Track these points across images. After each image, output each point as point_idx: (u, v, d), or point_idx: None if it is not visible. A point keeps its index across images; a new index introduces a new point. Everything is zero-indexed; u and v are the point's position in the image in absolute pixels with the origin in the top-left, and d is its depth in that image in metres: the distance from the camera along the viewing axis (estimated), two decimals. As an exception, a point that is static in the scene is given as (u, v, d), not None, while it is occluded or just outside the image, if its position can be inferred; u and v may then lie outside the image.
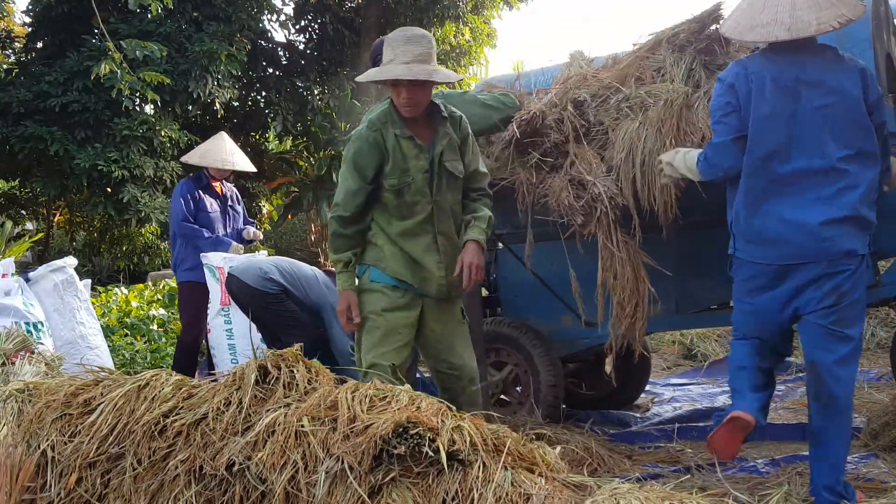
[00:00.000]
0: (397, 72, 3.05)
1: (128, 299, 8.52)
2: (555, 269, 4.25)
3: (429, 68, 3.06)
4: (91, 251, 15.36)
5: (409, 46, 3.06)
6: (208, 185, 5.41)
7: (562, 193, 3.69)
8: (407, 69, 3.04)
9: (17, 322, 4.40)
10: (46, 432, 2.55)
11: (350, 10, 16.44)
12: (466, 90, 4.01)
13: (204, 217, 5.30)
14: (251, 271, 4.42)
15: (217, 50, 11.59)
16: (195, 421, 2.44)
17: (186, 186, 5.44)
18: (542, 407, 4.24)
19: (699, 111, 3.61)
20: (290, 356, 2.58)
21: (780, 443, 4.07)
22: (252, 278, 4.38)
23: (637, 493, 2.05)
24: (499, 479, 2.13)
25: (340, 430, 2.25)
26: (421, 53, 3.06)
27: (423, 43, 3.09)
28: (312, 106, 15.32)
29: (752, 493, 3.05)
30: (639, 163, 3.61)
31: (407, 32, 3.13)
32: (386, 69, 3.09)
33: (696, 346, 6.96)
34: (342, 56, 15.96)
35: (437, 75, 3.08)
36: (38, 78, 11.56)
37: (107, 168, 11.06)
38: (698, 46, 3.79)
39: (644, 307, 3.66)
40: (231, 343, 5.15)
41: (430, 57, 3.10)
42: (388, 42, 3.13)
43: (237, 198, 5.63)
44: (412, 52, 3.05)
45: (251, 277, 4.36)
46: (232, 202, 5.53)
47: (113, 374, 2.79)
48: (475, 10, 15.69)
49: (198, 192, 5.37)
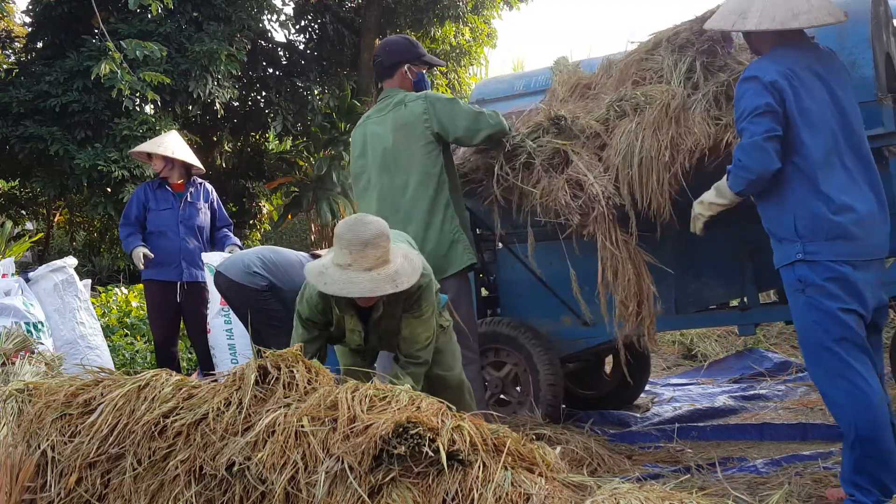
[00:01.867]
0: (362, 289, 2.83)
1: (128, 299, 8.51)
2: (554, 269, 4.25)
3: (391, 276, 2.84)
4: (91, 251, 15.38)
5: (369, 251, 2.82)
6: (161, 185, 5.41)
7: (559, 193, 3.69)
8: (371, 286, 2.82)
9: (17, 322, 4.40)
10: (46, 432, 2.55)
11: (350, 10, 16.46)
12: (454, 97, 3.95)
13: (153, 216, 5.33)
14: (236, 267, 4.35)
15: (217, 50, 11.60)
16: (195, 421, 2.44)
17: (139, 188, 5.52)
18: (541, 407, 4.24)
19: (695, 114, 3.59)
20: (290, 356, 2.58)
21: (780, 443, 4.07)
22: (238, 275, 4.32)
23: (637, 493, 2.05)
24: (499, 479, 2.13)
25: (340, 431, 2.25)
26: (380, 255, 2.85)
27: (382, 243, 2.86)
28: (312, 106, 15.34)
29: (752, 493, 3.05)
30: (636, 162, 3.61)
31: (363, 235, 2.84)
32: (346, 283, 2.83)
33: (695, 345, 6.96)
34: (342, 56, 15.98)
35: (401, 281, 2.86)
36: (39, 78, 11.57)
37: (107, 168, 11.06)
38: (700, 48, 3.78)
39: (650, 305, 3.66)
40: (231, 343, 5.15)
41: (388, 256, 2.88)
42: (340, 242, 2.87)
43: (206, 196, 5.56)
44: (372, 256, 2.83)
45: (237, 274, 4.30)
46: (193, 199, 5.47)
47: (113, 374, 2.79)
48: (475, 10, 15.70)
49: (149, 192, 5.39)
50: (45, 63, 11.97)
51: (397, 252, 2.96)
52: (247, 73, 14.48)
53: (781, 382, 5.56)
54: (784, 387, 5.38)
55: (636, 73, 3.91)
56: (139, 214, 5.32)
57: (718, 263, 4.22)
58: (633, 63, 3.98)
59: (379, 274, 2.84)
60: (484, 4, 15.77)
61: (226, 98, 12.45)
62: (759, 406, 4.97)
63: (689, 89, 3.69)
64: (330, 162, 15.12)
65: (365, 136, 3.92)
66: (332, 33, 15.78)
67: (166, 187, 5.38)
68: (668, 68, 3.79)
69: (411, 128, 3.74)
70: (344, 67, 16.10)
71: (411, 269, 2.94)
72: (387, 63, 3.91)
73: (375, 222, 2.91)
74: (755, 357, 6.24)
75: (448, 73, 16.27)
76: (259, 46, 15.03)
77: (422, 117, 3.74)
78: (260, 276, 4.25)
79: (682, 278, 4.19)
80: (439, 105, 3.78)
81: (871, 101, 3.63)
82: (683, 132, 3.56)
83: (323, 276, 2.87)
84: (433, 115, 3.74)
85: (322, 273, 2.89)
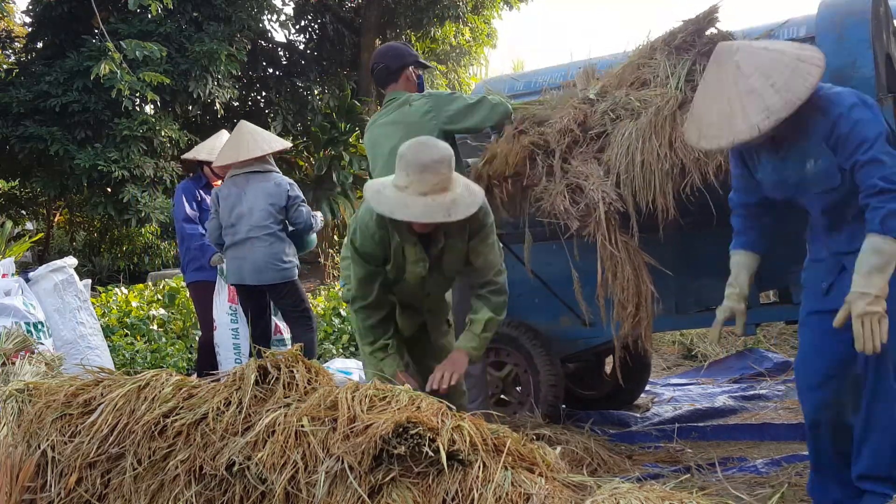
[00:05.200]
0: (413, 213, 2.78)
1: (128, 299, 8.50)
2: (555, 269, 4.25)
3: (447, 205, 2.77)
4: (91, 251, 15.36)
5: (427, 175, 2.76)
6: (208, 185, 5.40)
7: (557, 198, 3.68)
8: (424, 210, 2.76)
9: (17, 322, 4.40)
10: (46, 432, 2.55)
11: (350, 10, 16.46)
12: (455, 91, 4.00)
13: (207, 217, 5.29)
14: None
15: (217, 50, 11.59)
16: (195, 421, 2.44)
17: (186, 187, 5.44)
18: (542, 407, 4.24)
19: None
20: (290, 356, 2.58)
21: (780, 443, 4.06)
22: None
23: (637, 492, 2.05)
24: (499, 478, 2.12)
25: (340, 430, 2.25)
26: (439, 182, 2.77)
27: (442, 169, 2.78)
28: (312, 106, 15.33)
29: (752, 493, 3.05)
30: (637, 165, 3.61)
31: (422, 158, 2.78)
32: (399, 205, 2.79)
33: (696, 346, 6.95)
34: (342, 56, 15.98)
35: (456, 211, 2.78)
36: (39, 78, 11.57)
37: (107, 168, 11.06)
38: (701, 50, 3.77)
39: (648, 307, 3.66)
40: (236, 343, 5.16)
41: (447, 183, 2.80)
42: (401, 163, 2.83)
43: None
44: (429, 181, 2.76)
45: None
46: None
47: (113, 374, 2.79)
48: (475, 10, 15.71)
49: (198, 191, 5.36)
50: (45, 63, 11.97)
51: (459, 181, 2.86)
52: (247, 74, 14.48)
53: (781, 382, 5.55)
54: (784, 387, 5.38)
55: (635, 77, 3.91)
56: (195, 211, 5.29)
57: (719, 263, 4.21)
58: (632, 67, 3.97)
59: (434, 200, 2.76)
60: (484, 4, 15.77)
61: (226, 98, 12.45)
62: (760, 406, 4.97)
63: (689, 92, 3.68)
64: (330, 162, 15.10)
65: (373, 138, 3.98)
66: (333, 33, 15.77)
67: (211, 186, 5.36)
68: (664, 71, 3.78)
69: (417, 125, 3.78)
70: (344, 67, 16.10)
71: (471, 200, 2.83)
72: (393, 67, 3.95)
73: (438, 147, 2.83)
74: (755, 357, 6.23)
75: (448, 73, 16.28)
76: (259, 46, 15.03)
77: (427, 115, 3.79)
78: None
79: (683, 278, 4.19)
80: (443, 101, 3.84)
81: (871, 102, 3.63)
82: (681, 137, 3.53)
83: (378, 196, 2.84)
84: (438, 111, 3.80)
85: (379, 192, 2.85)
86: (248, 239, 4.74)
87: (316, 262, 12.87)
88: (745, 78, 2.55)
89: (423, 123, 3.77)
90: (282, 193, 4.81)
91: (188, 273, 5.40)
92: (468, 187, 2.89)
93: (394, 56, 3.98)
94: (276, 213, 4.80)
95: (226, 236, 4.83)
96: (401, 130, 3.78)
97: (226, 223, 4.80)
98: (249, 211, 4.74)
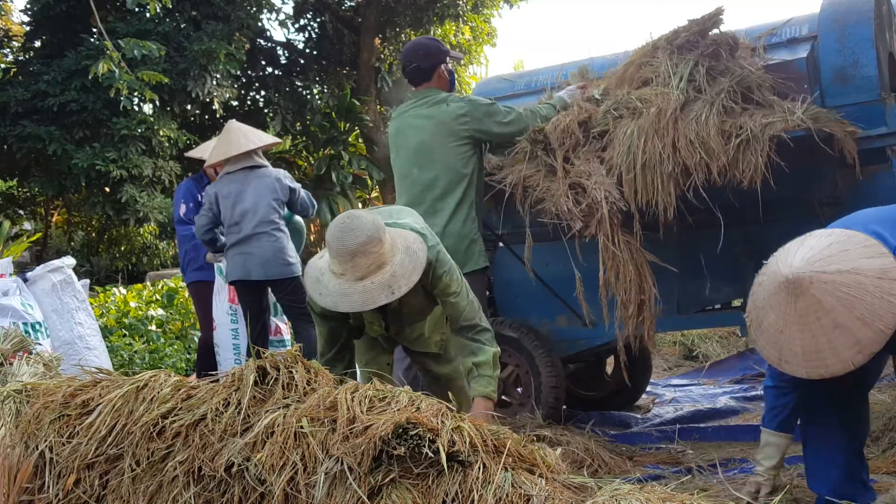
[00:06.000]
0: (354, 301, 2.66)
1: (126, 300, 8.50)
2: (556, 270, 4.23)
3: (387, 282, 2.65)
4: (89, 251, 15.36)
5: (359, 260, 2.63)
6: (209, 184, 5.38)
7: (561, 199, 3.67)
8: (365, 298, 2.65)
9: (14, 322, 4.38)
10: (44, 433, 2.54)
11: (349, 9, 16.45)
12: (493, 102, 4.00)
13: None
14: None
15: (216, 49, 11.59)
16: (194, 422, 2.42)
17: (187, 187, 5.42)
18: (542, 408, 4.23)
19: (693, 121, 3.56)
20: (289, 357, 2.57)
21: (781, 443, 4.04)
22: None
23: (638, 494, 2.04)
24: (499, 480, 2.11)
25: (340, 431, 2.23)
26: (373, 262, 2.65)
27: (372, 248, 2.64)
28: (312, 105, 15.34)
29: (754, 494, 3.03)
30: (639, 164, 3.59)
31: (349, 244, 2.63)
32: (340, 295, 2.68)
33: (697, 346, 6.95)
34: (341, 55, 15.96)
35: (398, 286, 2.66)
36: (37, 77, 11.56)
37: (105, 168, 11.06)
38: (704, 51, 3.76)
39: (651, 307, 3.65)
40: (236, 343, 5.14)
41: (382, 258, 2.66)
42: (331, 251, 2.70)
43: None
44: (363, 265, 2.64)
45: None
46: None
47: (111, 374, 2.77)
48: (475, 9, 15.70)
49: (199, 191, 5.34)
50: (44, 62, 11.97)
51: (397, 245, 2.73)
52: (246, 73, 14.47)
53: (782, 383, 5.54)
54: (785, 387, 5.36)
55: (637, 77, 3.90)
56: (193, 211, 5.24)
57: (721, 263, 4.21)
58: (633, 67, 3.96)
59: (373, 283, 2.65)
60: (484, 3, 15.76)
61: (224, 97, 12.45)
62: (761, 407, 4.93)
63: (692, 93, 3.66)
64: (329, 161, 15.11)
65: (400, 128, 4.01)
66: (332, 32, 15.76)
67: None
68: (665, 71, 3.77)
69: (449, 126, 3.84)
70: (343, 67, 16.09)
71: (412, 267, 2.71)
72: (426, 66, 3.98)
73: (363, 227, 2.65)
74: (757, 358, 6.21)
75: (448, 72, 16.24)
76: (258, 45, 15.02)
77: (461, 119, 3.84)
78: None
79: (685, 278, 4.18)
80: (480, 108, 3.89)
81: (874, 101, 3.63)
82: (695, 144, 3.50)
83: (318, 286, 2.74)
84: (472, 117, 3.85)
85: (318, 281, 2.75)
86: (255, 234, 4.73)
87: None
88: (827, 313, 2.34)
89: (454, 126, 3.84)
90: (284, 188, 4.84)
91: (188, 273, 5.38)
92: (407, 251, 2.74)
93: (425, 55, 4.00)
94: (279, 207, 4.82)
95: (229, 235, 4.79)
96: (432, 127, 3.86)
97: (228, 221, 4.77)
98: (254, 207, 4.74)
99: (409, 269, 2.71)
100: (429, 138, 3.88)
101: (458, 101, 3.92)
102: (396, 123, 4.06)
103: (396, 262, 2.69)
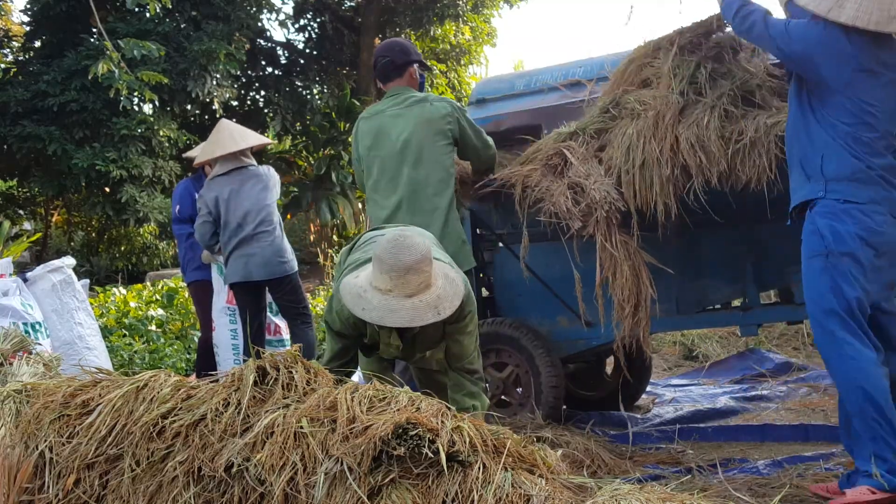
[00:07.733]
0: (402, 317, 2.65)
1: (126, 300, 8.50)
2: (556, 270, 4.23)
3: (433, 302, 2.65)
4: (89, 251, 15.35)
5: (411, 276, 2.63)
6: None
7: (560, 198, 3.66)
8: (413, 314, 2.64)
9: (14, 322, 4.38)
10: (44, 433, 2.54)
11: (349, 9, 16.46)
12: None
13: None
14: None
15: (216, 49, 11.59)
16: (194, 422, 2.42)
17: (185, 186, 5.42)
18: (542, 408, 4.22)
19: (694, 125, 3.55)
20: (289, 357, 2.57)
21: (782, 444, 4.05)
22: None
23: (638, 494, 2.04)
24: (499, 480, 2.11)
25: (340, 431, 2.23)
26: (423, 281, 2.65)
27: (425, 267, 2.65)
28: (311, 105, 15.35)
29: (754, 495, 3.03)
30: (638, 163, 3.59)
31: (405, 260, 2.63)
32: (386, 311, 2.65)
33: (697, 346, 6.94)
34: (341, 55, 15.97)
35: (444, 308, 2.67)
36: (37, 77, 11.57)
37: (105, 168, 11.06)
38: (708, 53, 3.75)
39: (647, 308, 3.64)
40: (235, 343, 5.14)
41: (430, 279, 2.67)
42: (381, 266, 2.67)
43: None
44: (414, 282, 2.64)
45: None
46: None
47: (111, 374, 2.77)
48: (475, 9, 15.71)
49: (197, 191, 5.33)
50: (43, 62, 11.97)
51: (438, 272, 2.75)
52: (245, 73, 14.48)
53: (783, 383, 5.54)
54: (785, 387, 5.36)
55: (638, 77, 3.89)
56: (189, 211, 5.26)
57: (720, 263, 4.20)
58: (634, 68, 3.95)
59: (421, 301, 2.64)
60: (484, 3, 15.77)
61: (224, 97, 12.46)
62: (761, 407, 4.95)
63: (693, 96, 3.65)
64: (329, 161, 15.10)
65: (381, 127, 3.91)
66: (332, 32, 15.77)
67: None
68: (668, 72, 3.76)
69: (435, 125, 3.81)
70: (343, 67, 16.10)
71: (453, 292, 2.72)
72: (399, 62, 3.94)
73: (417, 245, 2.67)
74: (756, 357, 6.22)
75: (448, 72, 16.26)
76: (258, 46, 15.03)
77: (446, 118, 3.82)
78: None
79: (684, 278, 4.17)
80: (462, 112, 3.90)
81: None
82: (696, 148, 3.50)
83: (361, 301, 2.68)
84: (457, 119, 3.85)
85: (360, 297, 2.69)
86: (256, 234, 4.74)
87: (315, 262, 12.87)
88: None
89: (441, 124, 3.81)
90: (277, 187, 4.94)
91: (188, 273, 5.38)
92: (447, 277, 2.76)
93: (400, 51, 3.98)
94: (275, 206, 4.90)
95: (233, 237, 4.77)
96: (417, 125, 3.80)
97: (232, 224, 4.76)
98: (255, 207, 4.76)
99: (451, 293, 2.72)
100: (415, 137, 3.82)
101: (440, 100, 3.90)
102: (373, 122, 3.95)
103: (440, 285, 2.71)
